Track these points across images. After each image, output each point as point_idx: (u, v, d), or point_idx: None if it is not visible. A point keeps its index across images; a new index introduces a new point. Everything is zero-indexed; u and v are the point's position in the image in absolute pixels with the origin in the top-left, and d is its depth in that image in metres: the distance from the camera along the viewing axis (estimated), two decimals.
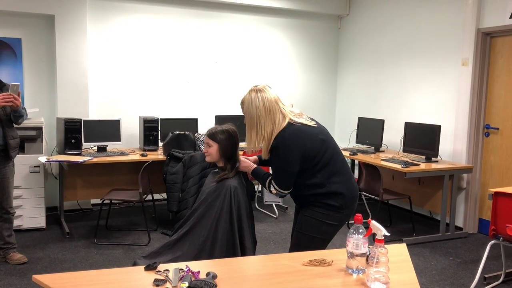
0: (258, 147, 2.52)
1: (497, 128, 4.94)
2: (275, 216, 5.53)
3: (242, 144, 2.82)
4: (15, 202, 4.17)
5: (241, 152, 3.10)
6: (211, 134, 2.86)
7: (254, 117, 2.48)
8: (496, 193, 3.47)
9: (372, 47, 6.40)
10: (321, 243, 2.56)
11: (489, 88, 5.00)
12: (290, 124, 2.47)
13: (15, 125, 3.86)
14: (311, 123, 2.54)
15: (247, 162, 2.79)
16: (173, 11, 6.00)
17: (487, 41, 4.95)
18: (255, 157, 2.88)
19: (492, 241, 3.56)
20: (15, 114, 3.74)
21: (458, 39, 5.12)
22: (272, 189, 2.57)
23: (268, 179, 2.59)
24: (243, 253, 2.73)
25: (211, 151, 2.85)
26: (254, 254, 2.83)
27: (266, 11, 6.50)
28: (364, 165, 5.02)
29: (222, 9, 6.25)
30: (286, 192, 2.56)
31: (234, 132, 2.89)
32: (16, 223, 4.35)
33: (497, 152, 4.95)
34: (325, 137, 2.54)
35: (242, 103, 2.57)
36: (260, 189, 6.28)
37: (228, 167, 2.84)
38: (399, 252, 2.23)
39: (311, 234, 2.54)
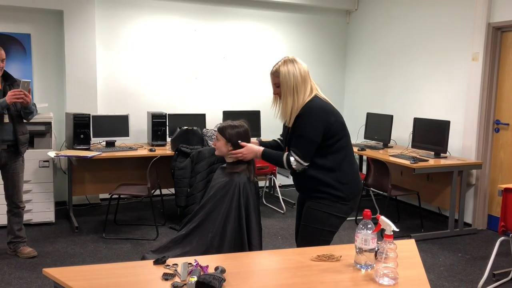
0: (293, 118, 2.48)
1: (507, 124, 4.89)
2: (282, 212, 5.54)
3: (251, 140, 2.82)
4: (25, 197, 4.21)
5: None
6: (220, 128, 2.87)
7: (291, 86, 2.48)
8: (506, 189, 3.44)
9: (381, 42, 6.36)
10: (329, 235, 2.56)
11: (500, 83, 4.96)
12: (317, 97, 2.51)
13: (25, 121, 3.89)
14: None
15: (253, 147, 2.70)
16: (181, 6, 5.99)
17: (498, 35, 4.90)
18: (255, 140, 2.86)
19: (502, 238, 3.54)
20: (26, 110, 3.76)
21: (468, 33, 5.07)
22: (292, 160, 2.49)
23: (285, 155, 2.53)
24: (250, 250, 2.73)
25: (219, 145, 2.86)
26: (261, 248, 2.84)
27: (274, 6, 6.48)
28: (372, 161, 5.00)
29: (230, 4, 6.24)
30: (306, 164, 2.49)
31: (245, 128, 2.88)
32: (26, 217, 4.39)
33: (507, 148, 4.91)
34: (345, 123, 2.58)
35: (276, 73, 2.55)
36: (267, 184, 6.28)
37: (241, 163, 2.85)
38: (408, 248, 2.23)
39: (319, 227, 2.53)
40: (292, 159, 2.49)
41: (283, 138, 2.76)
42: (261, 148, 2.67)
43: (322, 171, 2.51)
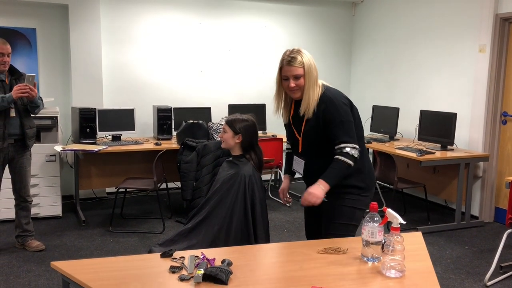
0: (311, 109, 2.38)
1: None
2: (288, 205, 5.53)
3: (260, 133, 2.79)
4: (32, 191, 4.23)
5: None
6: (228, 121, 2.88)
7: (314, 78, 2.40)
8: None
9: (387, 34, 6.32)
10: (354, 229, 2.49)
11: (507, 75, 4.91)
12: (327, 85, 2.48)
13: (32, 115, 3.90)
14: None
15: (313, 189, 2.34)
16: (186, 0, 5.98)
17: (506, 26, 4.84)
18: (286, 180, 2.72)
19: (509, 230, 3.52)
20: (32, 104, 3.78)
21: (475, 25, 5.02)
22: (349, 150, 2.32)
23: (340, 156, 2.32)
24: (256, 242, 2.73)
25: (226, 137, 2.87)
26: (267, 242, 2.84)
27: None
28: (378, 154, 4.98)
29: None
30: (358, 147, 2.35)
31: (253, 122, 2.89)
32: (33, 211, 4.42)
33: None
34: None
35: (300, 63, 2.39)
36: (273, 177, 6.28)
37: (248, 156, 2.86)
38: (415, 240, 2.22)
39: (346, 222, 2.45)
40: (349, 150, 2.32)
41: (289, 139, 2.65)
42: (319, 181, 2.35)
43: None
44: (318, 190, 2.33)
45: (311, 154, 2.52)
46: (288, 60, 2.42)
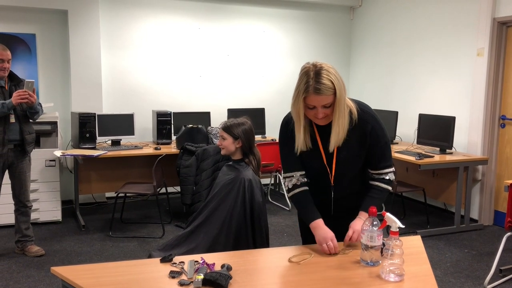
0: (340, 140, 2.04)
1: None
2: (288, 209, 5.54)
3: (257, 137, 2.76)
4: (31, 196, 4.23)
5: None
6: (226, 127, 2.86)
7: (343, 101, 1.97)
8: None
9: (385, 38, 6.34)
10: None
11: (505, 78, 4.93)
12: (353, 99, 2.11)
13: (31, 121, 3.91)
14: None
15: (355, 225, 2.10)
16: (185, 4, 6.00)
17: (503, 30, 4.87)
18: (321, 222, 2.13)
19: (508, 233, 3.52)
20: (31, 110, 3.79)
21: (473, 29, 5.04)
22: (391, 176, 2.15)
23: (380, 183, 2.13)
24: (256, 247, 2.73)
25: (226, 144, 2.86)
26: (267, 247, 2.84)
27: (277, 3, 6.47)
28: None
29: (233, 2, 6.23)
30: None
31: (250, 125, 2.90)
32: (33, 216, 4.42)
33: None
34: None
35: (330, 90, 1.92)
36: (272, 181, 6.28)
37: (247, 160, 2.86)
38: (414, 244, 2.23)
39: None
40: (390, 176, 2.15)
41: (315, 168, 2.17)
42: (361, 214, 2.12)
43: (364, 181, 2.22)
44: (359, 225, 2.07)
45: (345, 187, 2.19)
46: (317, 88, 1.90)
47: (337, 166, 2.12)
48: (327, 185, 2.19)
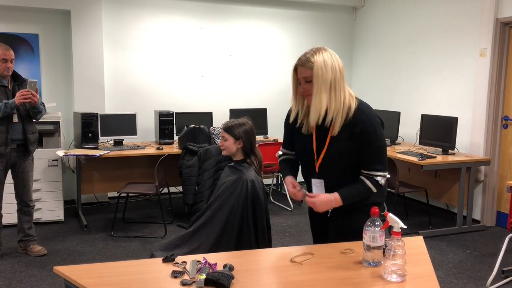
0: (320, 118, 2.09)
1: None
2: (290, 209, 5.54)
3: (258, 138, 2.77)
4: (34, 195, 4.25)
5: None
6: (227, 128, 2.86)
7: (327, 81, 2.04)
8: None
9: (388, 38, 6.34)
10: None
11: (508, 79, 4.92)
12: (358, 99, 2.15)
13: (34, 120, 3.92)
14: None
15: (327, 197, 2.15)
16: (187, 5, 6.00)
17: (506, 31, 4.86)
18: (293, 180, 2.32)
19: (511, 234, 3.52)
20: (34, 110, 3.80)
21: (476, 29, 5.04)
22: (381, 180, 2.14)
23: (367, 181, 2.14)
24: (258, 247, 2.74)
25: (227, 145, 2.85)
26: (270, 247, 2.84)
27: (280, 3, 6.47)
28: None
29: (236, 2, 6.24)
30: (388, 174, 2.16)
31: (250, 125, 2.89)
32: (36, 216, 4.43)
33: None
34: None
35: (308, 63, 2.05)
36: (274, 182, 6.28)
37: (249, 160, 2.86)
38: (416, 244, 2.22)
39: (357, 239, 2.15)
40: (380, 179, 2.14)
41: (301, 151, 2.30)
42: (335, 195, 2.14)
43: None
44: (328, 204, 2.15)
45: (330, 180, 2.22)
46: (300, 59, 2.09)
47: (325, 156, 2.17)
48: (313, 172, 2.25)
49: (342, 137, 2.12)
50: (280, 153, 2.49)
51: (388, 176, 2.19)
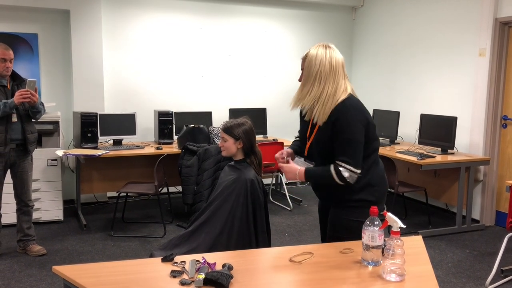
0: (303, 106, 2.27)
1: None
2: (289, 209, 5.54)
3: (258, 137, 2.77)
4: (33, 195, 4.24)
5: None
6: (226, 129, 2.85)
7: (313, 72, 2.22)
8: None
9: (387, 38, 6.34)
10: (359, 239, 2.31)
11: (507, 78, 4.92)
12: (352, 96, 2.26)
13: (33, 120, 3.92)
14: None
15: (294, 166, 2.33)
16: (187, 4, 6.00)
17: (505, 30, 4.86)
18: (289, 150, 2.53)
19: (510, 234, 3.52)
20: (33, 109, 3.79)
21: (475, 29, 5.04)
22: (343, 171, 2.18)
23: (332, 168, 2.20)
24: (258, 247, 2.74)
25: (227, 146, 2.85)
26: (269, 247, 2.85)
27: (279, 3, 6.47)
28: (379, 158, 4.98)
29: (235, 2, 6.24)
30: (359, 172, 2.20)
31: (250, 125, 2.89)
32: (35, 215, 4.43)
33: None
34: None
35: (305, 56, 2.30)
36: (273, 182, 6.29)
37: (249, 160, 2.86)
38: (415, 244, 2.23)
39: (348, 236, 2.26)
40: (341, 168, 2.18)
41: (300, 135, 2.52)
42: (302, 168, 2.31)
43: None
44: (293, 173, 2.32)
45: (317, 164, 2.37)
46: (304, 54, 2.32)
47: (311, 142, 2.36)
48: (303, 154, 2.44)
49: (323, 127, 2.25)
50: (296, 135, 2.67)
51: (357, 172, 2.20)
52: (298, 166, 2.34)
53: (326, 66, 2.21)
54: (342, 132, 2.19)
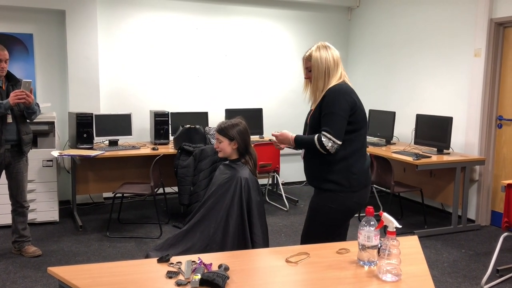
0: (319, 98, 2.53)
1: (510, 120, 4.88)
2: (285, 209, 5.54)
3: (254, 137, 2.78)
4: (29, 196, 4.22)
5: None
6: (221, 130, 2.86)
7: (323, 69, 2.53)
8: (509, 185, 3.44)
9: (383, 38, 6.35)
10: (330, 233, 2.54)
11: (502, 79, 4.94)
12: (345, 82, 2.58)
13: (28, 121, 3.90)
14: None
15: (287, 133, 2.61)
16: (182, 4, 6.00)
17: (500, 31, 4.88)
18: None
19: (505, 233, 3.53)
20: (28, 110, 3.78)
21: (471, 29, 5.06)
22: (324, 140, 2.41)
23: (316, 135, 2.45)
24: (253, 246, 2.74)
25: (222, 147, 2.85)
26: (266, 247, 2.84)
27: (275, 3, 6.47)
28: (375, 158, 5.00)
29: (231, 2, 6.23)
30: (339, 142, 2.43)
31: (244, 125, 2.89)
32: (30, 216, 4.41)
33: (510, 143, 4.90)
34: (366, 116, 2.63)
35: (309, 57, 2.58)
36: (270, 182, 6.29)
37: (244, 160, 2.85)
38: (411, 244, 2.23)
39: (322, 221, 2.57)
40: (324, 139, 2.41)
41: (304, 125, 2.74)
42: (293, 135, 2.60)
43: (336, 158, 2.48)
44: (286, 139, 2.59)
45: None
46: (306, 54, 2.61)
47: (307, 126, 2.62)
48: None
49: (315, 110, 2.53)
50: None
51: (337, 143, 2.42)
52: (290, 134, 2.60)
53: (331, 62, 2.55)
54: (327, 107, 2.46)
